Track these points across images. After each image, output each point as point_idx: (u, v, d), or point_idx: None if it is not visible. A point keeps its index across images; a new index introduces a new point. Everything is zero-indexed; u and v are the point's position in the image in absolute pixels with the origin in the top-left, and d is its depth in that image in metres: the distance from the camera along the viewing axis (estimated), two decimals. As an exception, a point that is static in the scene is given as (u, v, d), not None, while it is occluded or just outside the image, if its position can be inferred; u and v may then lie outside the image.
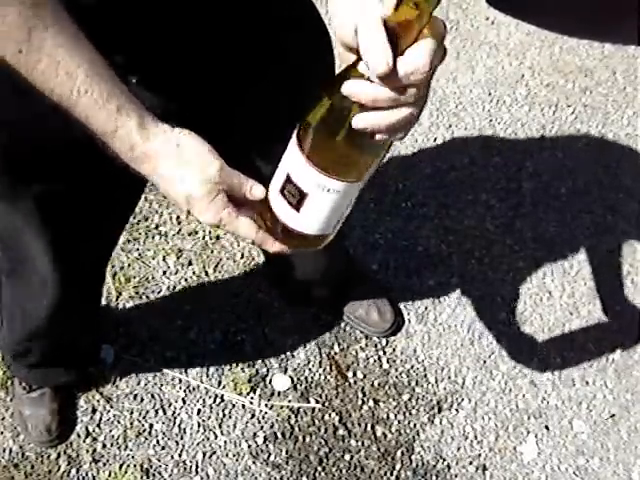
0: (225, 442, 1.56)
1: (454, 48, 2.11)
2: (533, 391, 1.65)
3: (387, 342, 1.68)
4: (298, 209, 0.65)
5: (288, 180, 0.64)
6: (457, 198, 1.88)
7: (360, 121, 0.57)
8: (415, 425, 1.60)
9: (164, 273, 1.75)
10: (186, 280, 1.74)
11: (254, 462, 1.54)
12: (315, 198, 0.64)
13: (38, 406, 1.51)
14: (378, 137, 0.59)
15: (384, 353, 1.67)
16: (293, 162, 0.63)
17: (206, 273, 1.75)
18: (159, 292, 1.72)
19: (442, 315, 1.72)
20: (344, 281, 1.64)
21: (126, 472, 1.51)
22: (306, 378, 1.63)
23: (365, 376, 1.64)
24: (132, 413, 1.57)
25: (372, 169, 0.66)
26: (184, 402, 1.59)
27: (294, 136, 0.63)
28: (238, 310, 1.70)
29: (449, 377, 1.66)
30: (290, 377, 1.63)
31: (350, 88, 0.56)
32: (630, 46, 2.13)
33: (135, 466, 1.52)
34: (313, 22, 0.97)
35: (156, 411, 1.58)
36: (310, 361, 1.65)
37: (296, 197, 0.64)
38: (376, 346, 1.68)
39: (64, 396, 1.55)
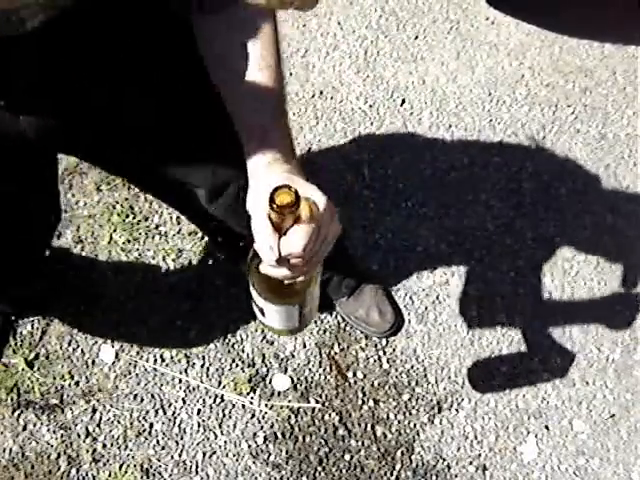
0: (225, 442, 1.56)
1: (454, 48, 2.11)
2: (533, 391, 1.65)
3: (387, 342, 1.68)
4: (264, 315, 0.85)
5: (252, 297, 0.83)
6: (457, 198, 1.87)
7: (266, 269, 0.72)
8: (415, 425, 1.60)
9: (164, 273, 1.75)
10: (186, 280, 1.74)
11: (254, 462, 1.54)
12: (269, 312, 0.83)
13: None
14: (286, 282, 0.73)
15: (384, 353, 1.67)
16: (251, 286, 0.80)
17: (206, 273, 1.75)
18: (159, 292, 1.72)
19: (442, 315, 1.72)
20: (345, 281, 1.64)
21: (126, 472, 1.51)
22: (306, 378, 1.63)
23: (365, 376, 1.64)
24: (132, 413, 1.57)
25: (308, 293, 0.81)
26: (184, 402, 1.59)
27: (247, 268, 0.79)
28: (238, 310, 1.70)
29: (449, 377, 1.66)
30: (290, 377, 1.63)
31: (262, 270, 0.72)
32: (630, 46, 2.13)
33: (135, 466, 1.52)
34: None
35: (156, 411, 1.58)
36: (310, 361, 1.65)
37: (258, 308, 0.84)
38: (376, 346, 1.68)
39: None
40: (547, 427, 1.61)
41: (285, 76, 0.79)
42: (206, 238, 1.79)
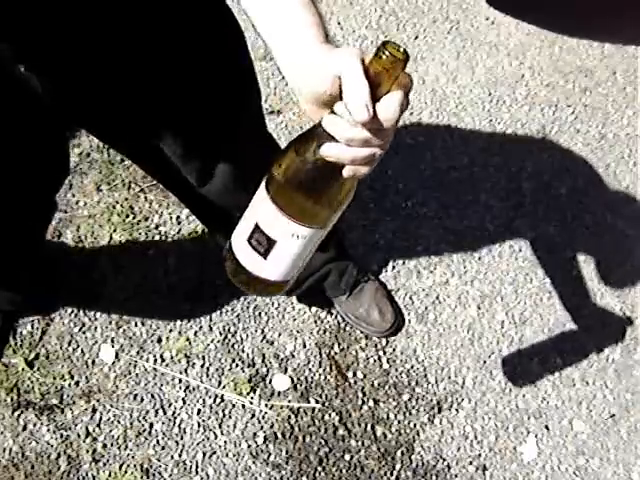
0: (225, 442, 1.56)
1: (454, 48, 2.11)
2: (533, 391, 1.65)
3: (387, 342, 1.68)
4: (265, 257, 0.70)
5: (257, 229, 0.69)
6: (457, 198, 1.88)
7: (330, 149, 0.63)
8: (415, 425, 1.60)
9: (164, 273, 1.75)
10: (186, 280, 1.74)
11: (254, 462, 1.54)
12: (283, 245, 0.69)
13: None
14: (345, 173, 0.64)
15: (384, 353, 1.67)
16: (263, 212, 0.68)
17: (206, 273, 1.75)
18: (159, 292, 1.72)
19: (442, 315, 1.72)
20: (345, 282, 1.64)
21: (126, 472, 1.51)
22: (306, 378, 1.63)
23: (365, 376, 1.64)
24: (132, 413, 1.57)
25: (337, 215, 0.70)
26: (184, 402, 1.59)
27: (262, 188, 0.68)
28: (238, 310, 1.70)
29: (449, 377, 1.66)
30: (290, 377, 1.63)
31: (329, 125, 0.62)
32: (630, 46, 2.13)
33: (135, 466, 1.52)
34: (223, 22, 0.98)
35: (156, 411, 1.58)
36: (310, 361, 1.65)
37: (264, 245, 0.69)
38: (376, 346, 1.68)
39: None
40: (547, 427, 1.61)
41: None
42: (206, 238, 1.79)
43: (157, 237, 1.79)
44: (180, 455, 1.54)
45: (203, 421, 1.57)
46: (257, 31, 0.69)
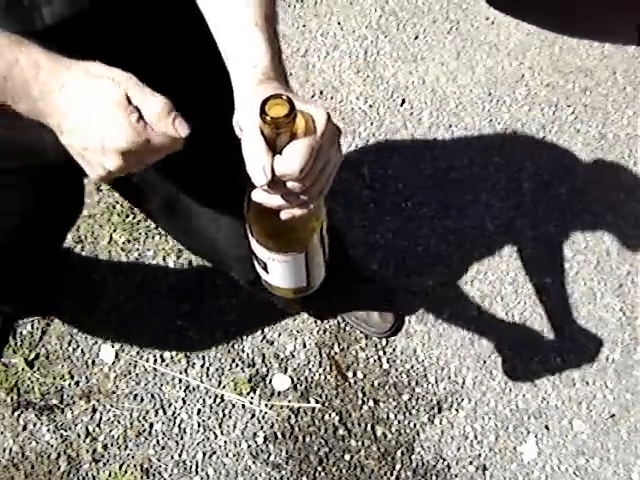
0: (225, 442, 1.56)
1: (454, 48, 2.11)
2: (533, 391, 1.65)
3: (387, 342, 1.68)
4: (267, 271, 0.75)
5: (252, 251, 0.74)
6: (457, 198, 1.87)
7: (256, 195, 0.62)
8: (415, 425, 1.60)
9: (164, 273, 1.75)
10: (186, 280, 1.74)
11: (254, 462, 1.54)
12: (273, 266, 0.73)
13: None
14: (282, 216, 0.63)
15: (384, 353, 1.67)
16: (251, 239, 0.72)
17: (206, 273, 1.75)
18: (159, 292, 1.72)
19: (442, 315, 1.72)
20: (344, 281, 1.64)
21: (126, 472, 1.51)
22: (306, 378, 1.63)
23: (365, 376, 1.64)
24: (132, 413, 1.57)
25: (314, 240, 0.72)
26: (184, 402, 1.59)
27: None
28: (238, 310, 1.70)
29: (449, 377, 1.66)
30: (290, 377, 1.63)
31: (254, 197, 0.62)
32: (630, 46, 2.13)
33: (135, 466, 1.52)
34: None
35: (156, 411, 1.58)
36: (310, 361, 1.65)
37: (261, 264, 0.75)
38: (376, 346, 1.68)
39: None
40: (547, 427, 1.61)
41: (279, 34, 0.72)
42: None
43: (157, 237, 1.79)
44: (180, 455, 1.54)
45: (203, 421, 1.57)
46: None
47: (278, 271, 0.74)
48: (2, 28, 0.63)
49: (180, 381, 1.61)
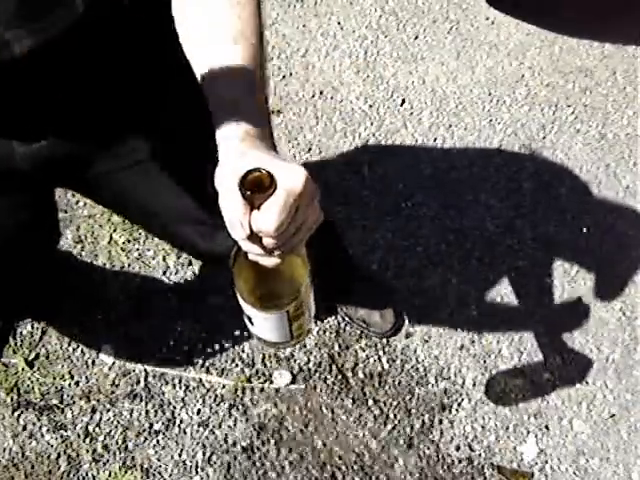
0: (225, 442, 1.56)
1: (454, 48, 2.11)
2: (533, 391, 1.65)
3: (387, 342, 1.68)
4: (252, 324, 0.79)
5: (239, 305, 0.77)
6: (457, 198, 1.87)
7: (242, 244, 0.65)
8: (415, 425, 1.60)
9: (164, 273, 1.75)
10: (186, 280, 1.74)
11: (254, 462, 1.54)
12: (258, 321, 0.77)
13: None
14: (263, 261, 0.66)
15: (384, 353, 1.67)
16: (235, 293, 0.75)
17: (206, 273, 1.75)
18: (159, 292, 1.72)
19: (442, 315, 1.72)
20: (345, 282, 1.64)
21: (126, 472, 1.51)
22: (306, 378, 1.63)
23: (365, 376, 1.64)
24: (132, 413, 1.57)
25: (298, 299, 0.74)
26: (184, 402, 1.59)
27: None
28: (238, 310, 1.69)
29: (449, 377, 1.66)
30: (290, 377, 1.63)
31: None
32: (630, 46, 2.13)
33: (135, 466, 1.52)
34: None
35: (156, 411, 1.58)
36: (310, 361, 1.65)
37: (247, 317, 0.79)
38: (376, 346, 1.68)
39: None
40: (547, 427, 1.61)
41: (267, 54, 0.74)
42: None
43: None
44: (180, 455, 1.54)
45: (203, 421, 1.57)
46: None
47: (262, 326, 0.78)
48: None
49: (180, 381, 1.61)
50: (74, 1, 0.73)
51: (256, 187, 0.59)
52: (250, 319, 0.78)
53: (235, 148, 0.65)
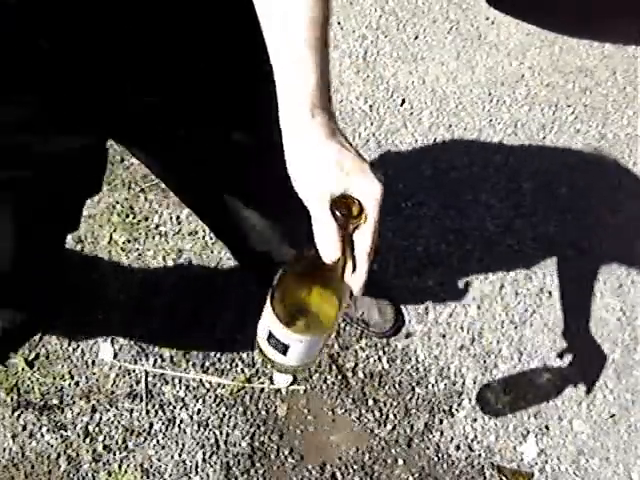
0: (225, 442, 1.56)
1: (454, 48, 2.11)
2: (533, 391, 1.65)
3: (387, 342, 1.68)
4: (285, 354, 0.77)
5: (271, 336, 0.76)
6: (457, 198, 1.87)
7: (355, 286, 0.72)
8: (415, 425, 1.60)
9: (164, 273, 1.75)
10: (186, 280, 1.74)
11: (254, 462, 1.54)
12: (296, 347, 0.76)
13: None
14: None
15: (384, 353, 1.67)
16: (272, 322, 0.74)
17: (206, 273, 1.75)
18: (159, 292, 1.72)
19: (442, 315, 1.72)
20: None
21: (126, 472, 1.51)
22: (306, 378, 1.63)
23: (365, 376, 1.64)
24: (132, 413, 1.57)
25: (338, 320, 0.76)
26: (184, 402, 1.59)
27: (268, 303, 0.74)
28: (238, 310, 1.70)
29: (449, 377, 1.66)
30: (290, 377, 1.63)
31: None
32: (630, 46, 2.13)
33: (135, 466, 1.52)
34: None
35: (156, 411, 1.58)
36: (310, 361, 1.65)
37: (280, 348, 0.76)
38: (376, 346, 1.68)
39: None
40: (547, 427, 1.61)
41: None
42: (206, 238, 1.79)
43: (157, 237, 1.79)
44: (180, 455, 1.54)
45: (203, 421, 1.57)
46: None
47: (299, 351, 0.77)
48: None
49: (180, 381, 1.61)
50: None
51: (347, 210, 0.64)
52: (286, 349, 0.77)
53: (307, 130, 0.65)
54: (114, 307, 1.69)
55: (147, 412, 1.58)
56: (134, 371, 1.62)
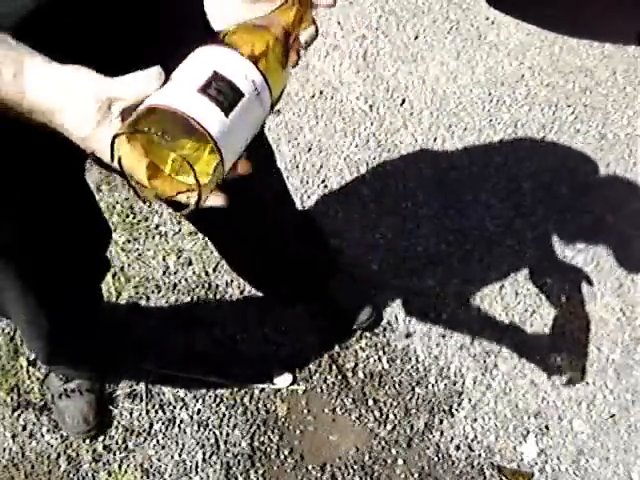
0: (225, 442, 1.56)
1: (454, 48, 2.12)
2: (533, 391, 1.65)
3: (387, 342, 1.68)
4: (227, 114, 0.53)
5: (216, 76, 0.53)
6: (457, 198, 1.87)
7: None
8: (415, 425, 1.60)
9: (164, 273, 1.75)
10: (186, 280, 1.74)
11: (254, 462, 1.54)
12: (248, 104, 0.55)
13: (75, 397, 1.50)
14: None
15: (384, 353, 1.67)
16: (224, 59, 0.56)
17: (206, 273, 1.75)
18: (159, 292, 1.72)
19: (442, 315, 1.72)
20: (324, 272, 1.63)
21: (126, 472, 1.51)
22: (306, 378, 1.63)
23: (365, 376, 1.64)
24: (132, 413, 1.57)
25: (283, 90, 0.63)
26: (184, 402, 1.59)
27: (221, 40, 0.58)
28: (238, 310, 1.70)
29: (449, 377, 1.66)
30: (290, 377, 1.63)
31: None
32: (630, 46, 2.13)
33: (135, 466, 1.52)
34: None
35: (156, 411, 1.58)
36: (310, 361, 1.65)
37: (229, 98, 0.53)
38: (376, 346, 1.68)
39: (100, 387, 1.56)
40: (547, 427, 1.61)
41: None
42: (206, 238, 1.79)
43: (157, 237, 1.79)
44: (180, 455, 1.54)
45: (203, 421, 1.57)
46: None
47: (249, 115, 0.58)
48: None
49: (180, 381, 1.61)
50: None
51: None
52: (237, 100, 0.55)
53: None
54: (113, 307, 1.69)
55: (147, 412, 1.58)
56: (134, 371, 1.62)
